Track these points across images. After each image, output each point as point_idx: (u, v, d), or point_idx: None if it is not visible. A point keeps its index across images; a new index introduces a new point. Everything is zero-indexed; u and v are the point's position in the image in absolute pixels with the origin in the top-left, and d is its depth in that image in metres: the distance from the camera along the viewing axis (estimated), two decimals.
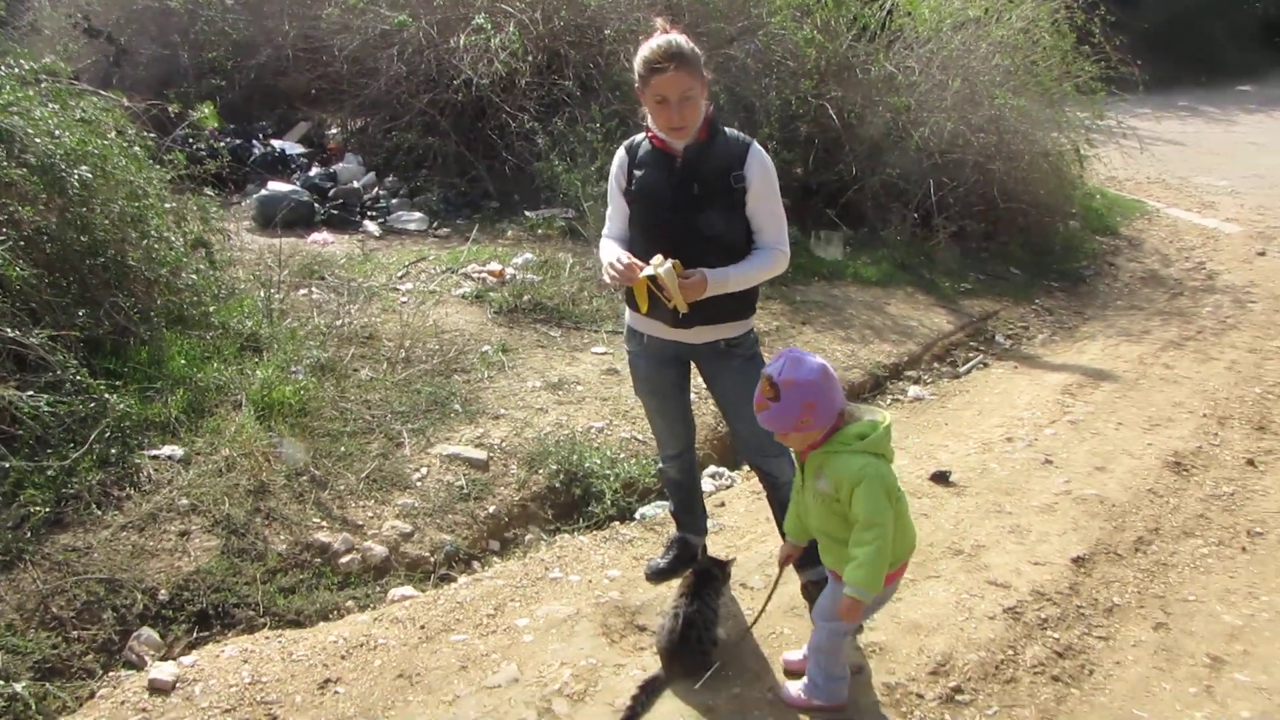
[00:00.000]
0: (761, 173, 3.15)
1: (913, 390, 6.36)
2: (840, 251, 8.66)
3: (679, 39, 3.03)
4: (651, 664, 3.27)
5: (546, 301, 6.33)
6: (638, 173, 3.23)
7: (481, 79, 7.81)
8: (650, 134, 3.21)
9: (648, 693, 3.09)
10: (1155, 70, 11.68)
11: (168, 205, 5.18)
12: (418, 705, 3.06)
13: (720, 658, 3.23)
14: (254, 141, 8.51)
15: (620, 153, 3.31)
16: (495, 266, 6.69)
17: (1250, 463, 5.20)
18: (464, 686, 3.15)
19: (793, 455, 3.10)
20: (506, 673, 3.21)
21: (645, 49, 3.02)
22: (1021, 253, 9.39)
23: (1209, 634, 3.66)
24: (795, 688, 3.11)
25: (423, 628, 3.46)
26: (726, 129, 3.22)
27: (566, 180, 7.49)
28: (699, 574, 3.36)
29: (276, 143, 8.68)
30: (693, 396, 3.70)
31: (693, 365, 3.53)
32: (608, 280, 3.19)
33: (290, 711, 3.01)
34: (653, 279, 3.01)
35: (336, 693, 3.11)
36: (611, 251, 3.20)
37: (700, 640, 3.18)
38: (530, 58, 8.06)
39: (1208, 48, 20.64)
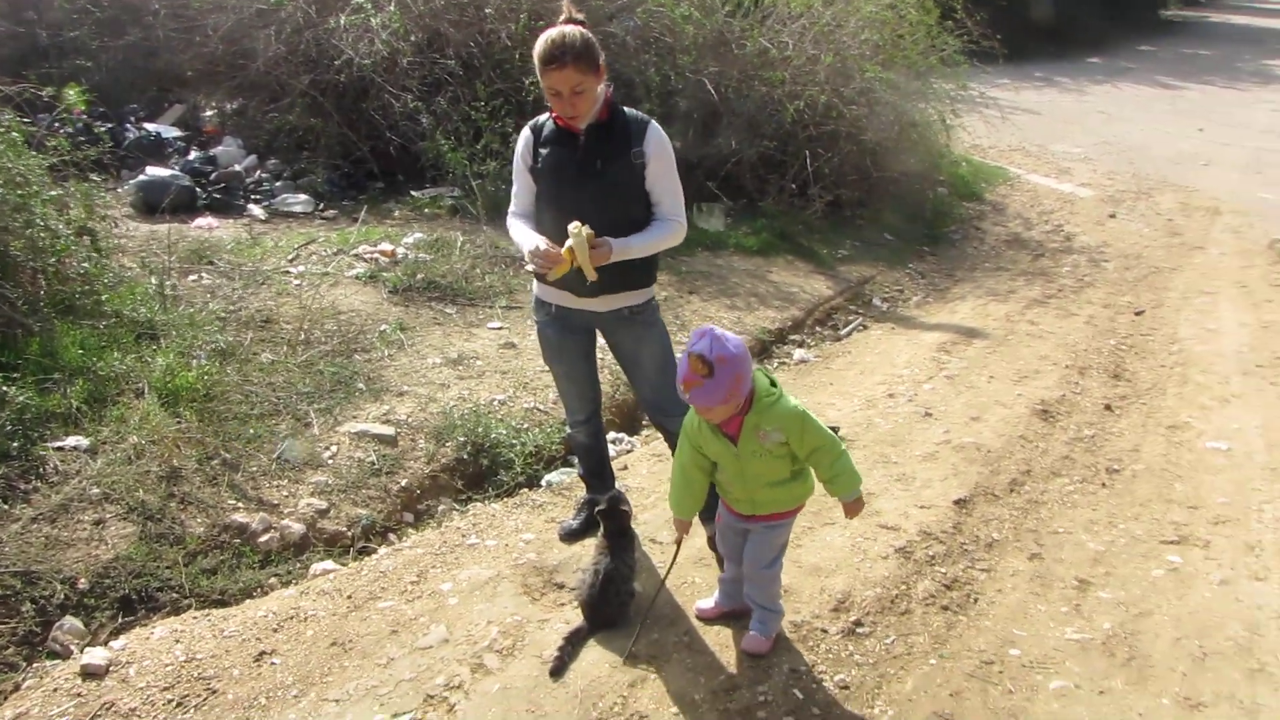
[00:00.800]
0: (659, 149, 3.34)
1: (798, 353, 6.69)
2: (721, 222, 8.95)
3: (573, 32, 3.15)
4: (573, 617, 3.47)
5: (440, 280, 6.42)
6: (543, 151, 3.38)
7: (363, 59, 7.80)
8: (554, 114, 3.38)
9: (573, 643, 3.30)
10: (1011, 43, 12.33)
11: (50, 193, 5.08)
12: (354, 670, 3.20)
13: (637, 608, 3.45)
14: (127, 125, 8.29)
15: (525, 132, 3.45)
16: (386, 246, 6.74)
17: (1107, 408, 5.69)
18: (396, 649, 3.30)
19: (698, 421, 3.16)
20: (436, 634, 3.37)
21: (541, 42, 3.15)
22: (894, 219, 9.86)
23: (1076, 560, 4.06)
24: (753, 636, 3.33)
25: (349, 598, 3.59)
26: (626, 109, 3.40)
27: (453, 159, 7.56)
28: (612, 534, 3.55)
29: (150, 126, 8.47)
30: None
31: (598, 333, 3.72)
32: (530, 269, 3.35)
33: (229, 684, 3.11)
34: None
35: (273, 664, 3.22)
36: (527, 237, 3.35)
37: (619, 593, 3.40)
38: (411, 37, 8.07)
39: (1058, 21, 21.73)
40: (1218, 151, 13.58)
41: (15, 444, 4.07)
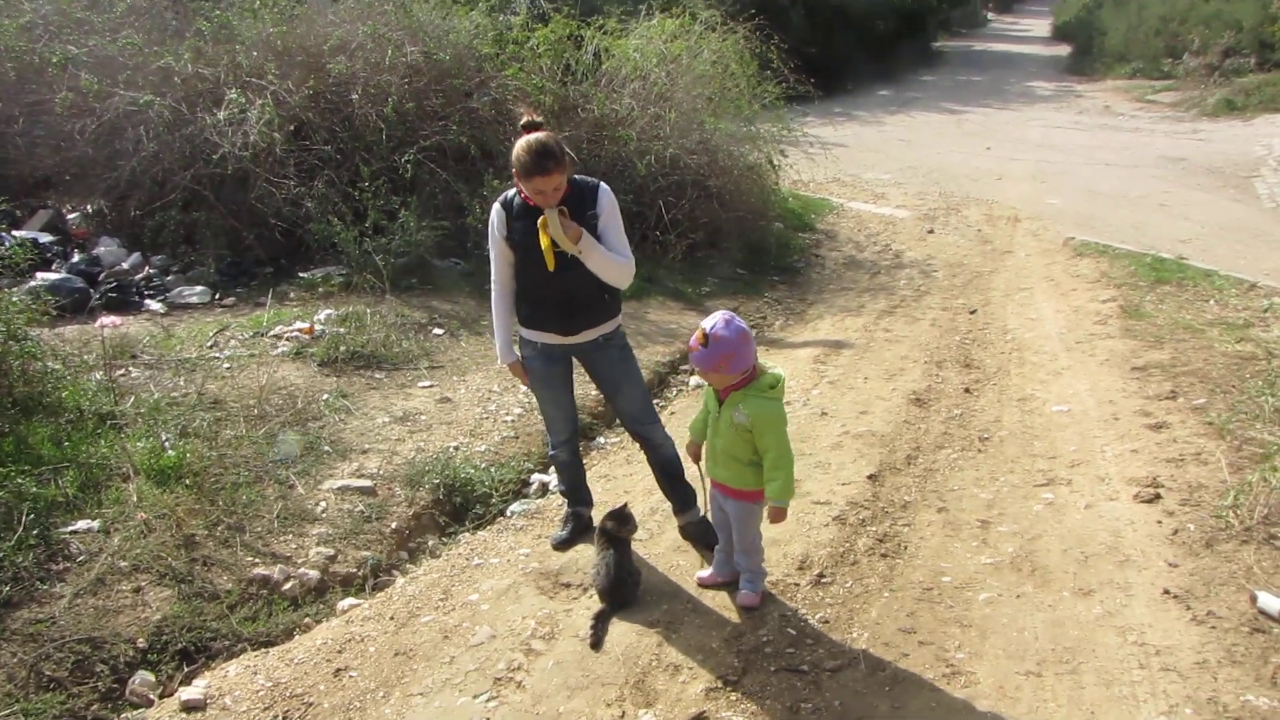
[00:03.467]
0: (609, 206, 4.03)
1: (694, 380, 7.57)
2: None
3: (550, 140, 3.73)
4: (592, 604, 4.18)
5: (362, 349, 6.98)
6: (516, 224, 4.01)
7: (240, 151, 8.28)
8: (521, 192, 3.93)
9: (601, 621, 4.01)
10: (813, 82, 13.79)
11: None
12: (423, 670, 3.81)
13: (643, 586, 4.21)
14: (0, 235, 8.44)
15: (497, 207, 4.08)
16: (303, 325, 7.26)
17: (967, 391, 6.81)
18: (454, 650, 3.93)
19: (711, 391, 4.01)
20: (483, 633, 4.02)
21: (525, 152, 3.71)
22: (743, 255, 10.93)
23: (974, 508, 5.05)
24: (744, 593, 4.15)
25: (392, 619, 4.18)
26: (575, 177, 4.04)
27: (344, 238, 8.13)
28: (606, 531, 4.29)
29: (19, 233, 8.63)
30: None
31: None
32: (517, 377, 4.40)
33: (321, 697, 3.67)
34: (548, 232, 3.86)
35: (351, 675, 3.79)
36: (499, 346, 4.36)
37: (630, 575, 4.14)
38: (283, 128, 8.61)
39: (846, 61, 23.86)
40: (1007, 166, 15.46)
41: (34, 532, 4.45)
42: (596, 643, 3.90)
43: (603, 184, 4.07)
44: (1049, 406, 6.40)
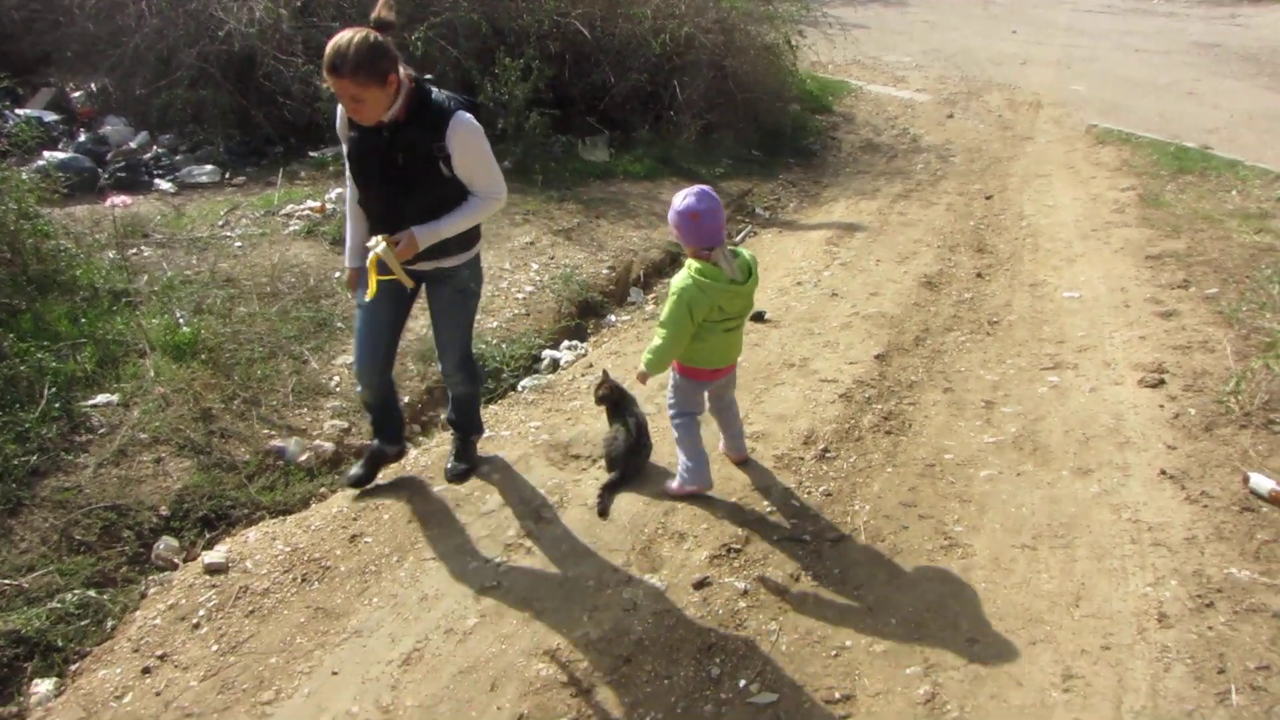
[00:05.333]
0: (463, 142, 3.40)
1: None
2: (606, 154, 9.74)
3: (353, 42, 3.14)
4: (599, 475, 4.31)
5: None
6: (353, 134, 3.47)
7: (247, 28, 8.18)
8: None
9: (609, 491, 4.14)
10: None
11: None
12: (436, 536, 3.95)
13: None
14: (3, 113, 8.42)
15: (340, 108, 3.48)
16: (314, 203, 7.28)
17: (979, 275, 6.82)
18: (465, 517, 4.07)
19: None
20: (493, 502, 4.15)
21: (328, 47, 3.16)
22: (759, 137, 10.84)
23: (979, 389, 5.13)
24: (672, 482, 4.19)
25: (406, 487, 4.32)
26: (436, 94, 3.43)
27: None
28: (611, 400, 4.37)
29: (23, 111, 8.61)
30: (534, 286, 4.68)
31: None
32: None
33: (339, 560, 3.82)
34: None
35: (366, 541, 3.94)
36: (351, 251, 3.82)
37: (643, 444, 4.26)
38: (288, 4, 8.48)
39: None
40: (1032, 51, 15.13)
41: (57, 405, 4.58)
42: (604, 510, 4.03)
43: (463, 114, 3.41)
44: (1060, 292, 6.42)
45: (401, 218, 3.47)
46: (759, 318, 6.05)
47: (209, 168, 8.12)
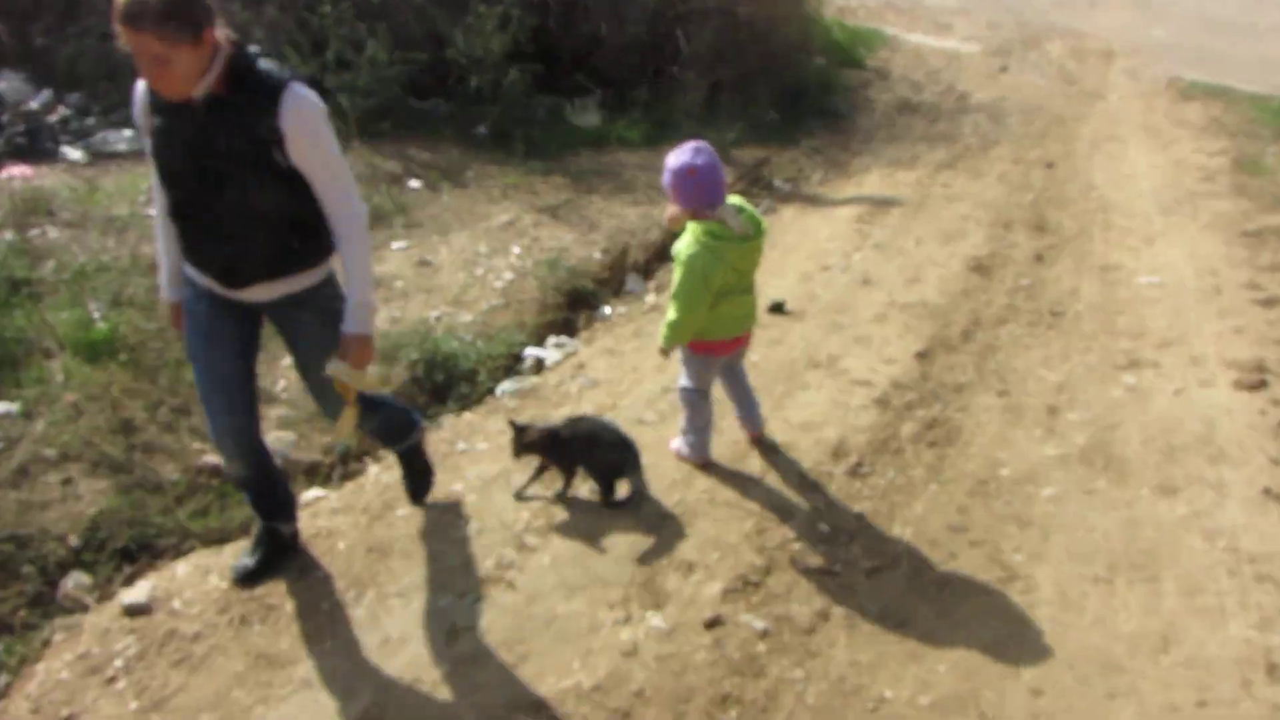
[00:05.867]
0: (306, 123, 3.02)
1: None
2: (597, 117, 9.75)
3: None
4: (592, 494, 4.29)
5: None
6: (157, 121, 3.05)
7: None
8: None
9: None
10: None
11: None
12: (401, 568, 3.93)
13: None
14: None
15: (140, 85, 3.07)
16: None
17: (1038, 258, 6.82)
18: (436, 544, 4.06)
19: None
20: (467, 527, 4.14)
21: None
22: (777, 97, 10.83)
23: (1040, 391, 5.12)
24: (676, 442, 4.53)
25: (364, 511, 4.30)
26: (263, 64, 3.03)
27: (303, 71, 8.06)
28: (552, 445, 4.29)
29: None
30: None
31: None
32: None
33: (285, 599, 3.80)
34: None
35: (317, 575, 3.92)
36: (166, 280, 3.45)
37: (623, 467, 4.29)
38: None
39: None
40: None
41: None
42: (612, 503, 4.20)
43: (298, 86, 3.02)
44: (1137, 277, 6.42)
45: (227, 231, 3.10)
46: (779, 309, 6.04)
47: (128, 133, 8.08)
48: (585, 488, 4.34)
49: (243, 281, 3.24)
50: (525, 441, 4.19)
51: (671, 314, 4.01)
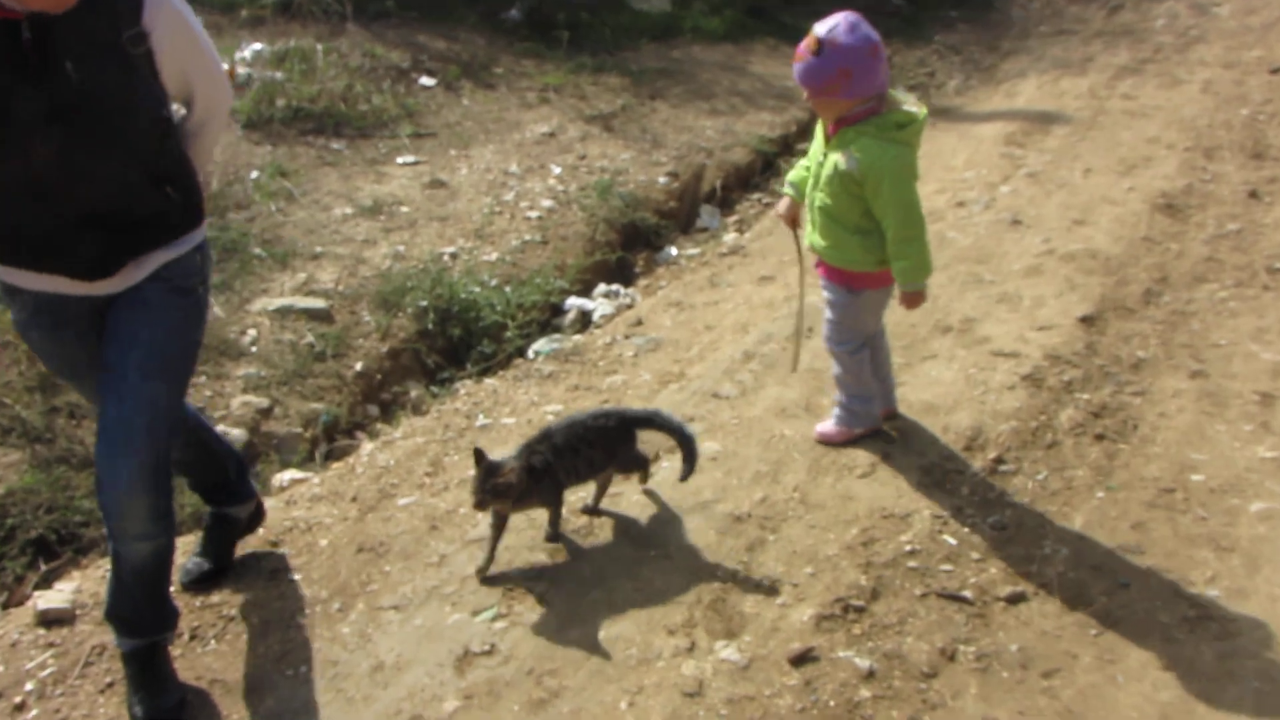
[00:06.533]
0: (170, 18, 3.01)
1: (780, 204, 7.54)
2: (666, 1, 9.71)
3: None
4: (651, 484, 4.30)
5: (309, 106, 7.06)
6: None
7: None
8: None
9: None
10: None
11: None
12: (400, 573, 3.96)
13: None
14: None
15: None
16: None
17: (1253, 195, 6.71)
18: (445, 545, 4.08)
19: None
20: (486, 523, 4.15)
21: None
22: None
23: (1251, 373, 5.04)
24: (826, 424, 4.52)
25: (354, 500, 4.34)
26: None
27: None
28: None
29: None
30: None
31: None
32: None
33: (248, 609, 3.83)
34: None
35: (291, 579, 3.95)
36: None
37: None
38: None
39: None
40: None
41: None
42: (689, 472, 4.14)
43: None
44: None
45: (91, 194, 2.99)
46: None
47: None
48: (631, 484, 4.32)
49: (107, 264, 3.10)
50: (496, 486, 3.70)
51: (903, 246, 4.02)
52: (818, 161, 4.14)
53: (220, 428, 4.78)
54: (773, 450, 4.54)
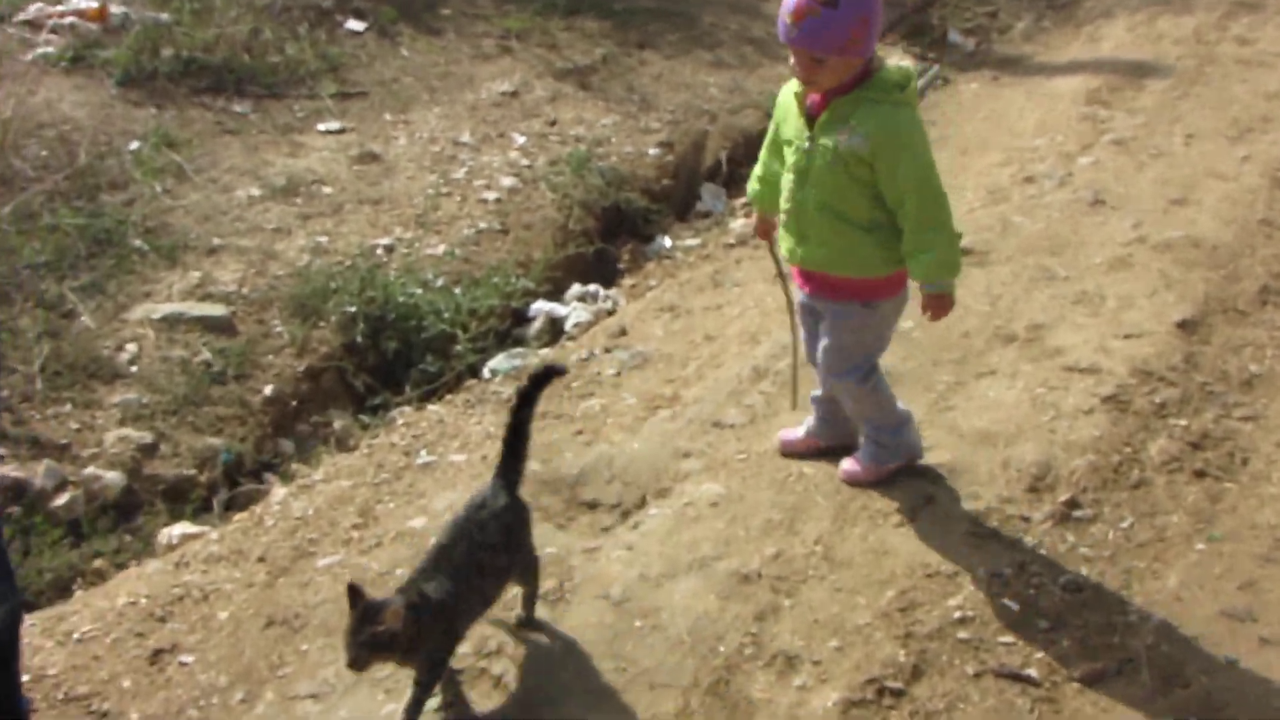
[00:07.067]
0: None
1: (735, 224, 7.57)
2: None
3: None
4: (635, 540, 4.35)
5: (204, 57, 7.11)
6: None
7: None
8: None
9: None
10: None
11: None
12: (319, 651, 3.99)
13: None
14: None
15: None
16: (88, 3, 7.35)
17: None
18: None
19: None
20: None
21: None
22: None
23: None
24: (851, 462, 4.55)
25: (262, 559, 4.39)
26: None
27: None
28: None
29: None
30: None
31: None
32: None
33: (127, 703, 3.85)
34: None
35: (183, 663, 4.00)
36: None
37: None
38: None
39: None
40: None
41: None
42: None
43: None
44: None
45: None
46: None
47: None
48: (611, 535, 4.37)
49: None
50: (379, 635, 3.34)
51: (943, 230, 4.03)
52: (801, 152, 4.07)
53: (90, 469, 4.82)
54: (788, 493, 4.59)
